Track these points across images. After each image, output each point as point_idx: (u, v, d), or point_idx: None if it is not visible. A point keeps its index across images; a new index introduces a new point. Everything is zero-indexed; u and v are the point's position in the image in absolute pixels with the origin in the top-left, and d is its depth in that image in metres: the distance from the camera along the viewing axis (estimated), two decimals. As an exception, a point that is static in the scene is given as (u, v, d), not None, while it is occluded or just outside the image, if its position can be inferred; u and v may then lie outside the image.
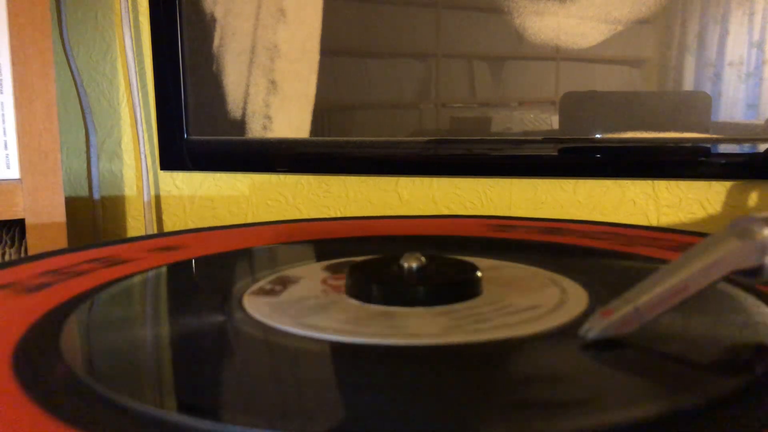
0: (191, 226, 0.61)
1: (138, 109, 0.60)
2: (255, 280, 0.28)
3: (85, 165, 0.63)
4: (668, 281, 0.20)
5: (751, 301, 0.25)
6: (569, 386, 0.18)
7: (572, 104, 0.50)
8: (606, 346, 0.20)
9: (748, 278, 0.20)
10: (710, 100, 0.47)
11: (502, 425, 0.16)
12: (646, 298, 0.20)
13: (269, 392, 0.18)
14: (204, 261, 0.34)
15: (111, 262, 0.33)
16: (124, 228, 0.63)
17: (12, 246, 0.51)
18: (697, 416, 0.16)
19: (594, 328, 0.20)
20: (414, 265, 0.25)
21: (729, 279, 0.20)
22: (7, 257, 0.51)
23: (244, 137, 0.57)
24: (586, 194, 0.52)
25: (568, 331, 0.21)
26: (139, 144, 0.60)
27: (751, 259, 0.19)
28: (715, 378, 0.18)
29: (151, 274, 0.31)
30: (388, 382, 0.18)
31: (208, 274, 0.32)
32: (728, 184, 0.49)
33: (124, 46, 0.59)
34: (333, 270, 0.30)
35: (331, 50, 0.54)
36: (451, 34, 0.52)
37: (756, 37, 0.46)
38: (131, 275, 0.30)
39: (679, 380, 0.18)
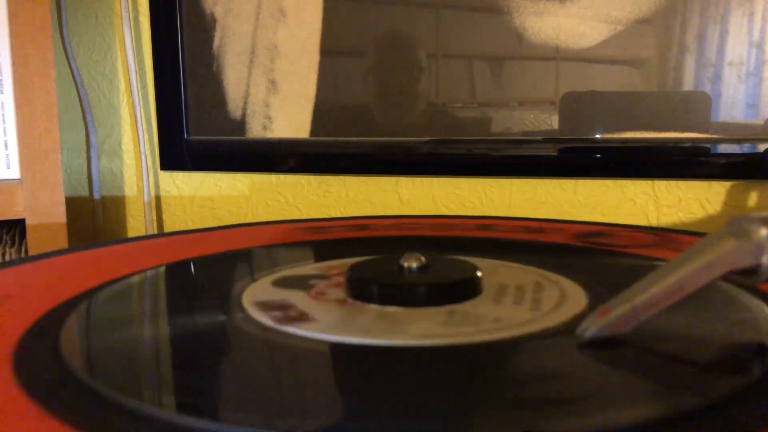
0: (191, 226, 0.61)
1: (138, 109, 0.60)
2: (254, 280, 0.28)
3: (85, 165, 0.63)
4: (665, 280, 0.20)
5: (750, 300, 0.25)
6: (568, 386, 0.18)
7: (572, 104, 0.50)
8: (603, 345, 0.20)
9: (745, 278, 0.20)
10: (710, 100, 0.47)
11: (500, 425, 0.16)
12: (644, 297, 0.20)
13: (268, 392, 0.18)
14: (204, 261, 0.34)
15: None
16: (124, 228, 0.63)
17: (12, 246, 0.51)
18: (696, 416, 0.16)
19: (591, 327, 0.20)
20: (414, 265, 0.25)
21: (727, 278, 0.20)
22: (7, 257, 0.51)
23: (244, 137, 0.57)
24: (586, 194, 0.52)
25: (566, 332, 0.21)
26: (139, 144, 0.60)
27: (747, 258, 0.19)
28: (714, 378, 0.18)
29: (150, 273, 0.31)
30: (387, 382, 0.18)
31: (208, 274, 0.32)
32: (728, 184, 0.49)
33: (124, 46, 0.59)
34: (333, 270, 0.30)
35: (331, 50, 0.54)
36: (451, 34, 0.52)
37: (756, 37, 0.46)
38: (131, 275, 0.30)
39: (677, 380, 0.18)
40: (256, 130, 0.57)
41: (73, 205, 0.63)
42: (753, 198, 0.48)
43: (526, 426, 0.15)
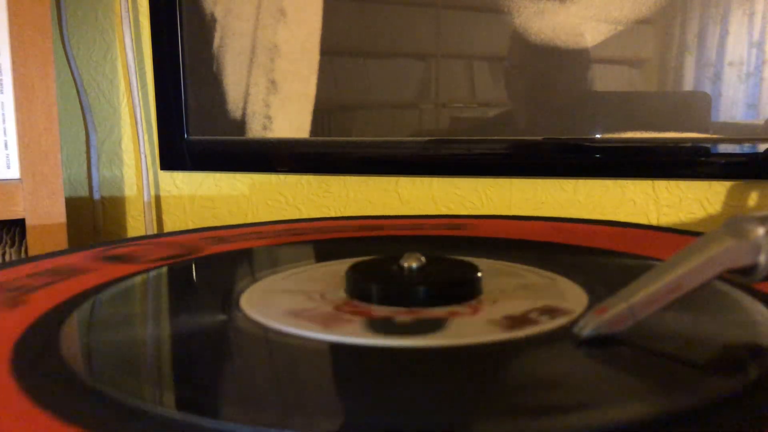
0: (191, 226, 0.61)
1: (138, 109, 0.60)
2: (255, 280, 0.28)
3: (85, 165, 0.63)
4: (662, 279, 0.20)
5: (748, 301, 0.25)
6: (567, 386, 0.18)
7: (572, 104, 0.50)
8: (599, 343, 0.20)
9: (743, 277, 0.20)
10: (710, 100, 0.47)
11: (499, 425, 0.16)
12: (640, 296, 0.20)
13: (268, 391, 0.18)
14: (204, 261, 0.34)
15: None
16: (124, 228, 0.63)
17: (12, 246, 0.51)
18: (693, 416, 0.16)
19: (588, 326, 0.20)
20: (414, 265, 0.25)
21: (724, 277, 0.20)
22: (7, 257, 0.51)
23: (244, 137, 0.57)
24: (586, 194, 0.52)
25: (566, 332, 0.21)
26: (139, 144, 0.60)
27: (745, 257, 0.19)
28: (711, 378, 0.18)
29: (151, 274, 0.31)
30: (386, 382, 0.18)
31: (208, 274, 0.32)
32: (728, 184, 0.49)
33: (124, 46, 0.59)
34: (334, 269, 0.30)
35: (331, 50, 0.54)
36: (451, 34, 0.52)
37: (756, 37, 0.46)
38: (131, 275, 0.30)
39: (675, 379, 0.18)
40: (256, 130, 0.57)
41: (73, 205, 0.63)
42: (753, 198, 0.48)
43: (523, 426, 0.15)
